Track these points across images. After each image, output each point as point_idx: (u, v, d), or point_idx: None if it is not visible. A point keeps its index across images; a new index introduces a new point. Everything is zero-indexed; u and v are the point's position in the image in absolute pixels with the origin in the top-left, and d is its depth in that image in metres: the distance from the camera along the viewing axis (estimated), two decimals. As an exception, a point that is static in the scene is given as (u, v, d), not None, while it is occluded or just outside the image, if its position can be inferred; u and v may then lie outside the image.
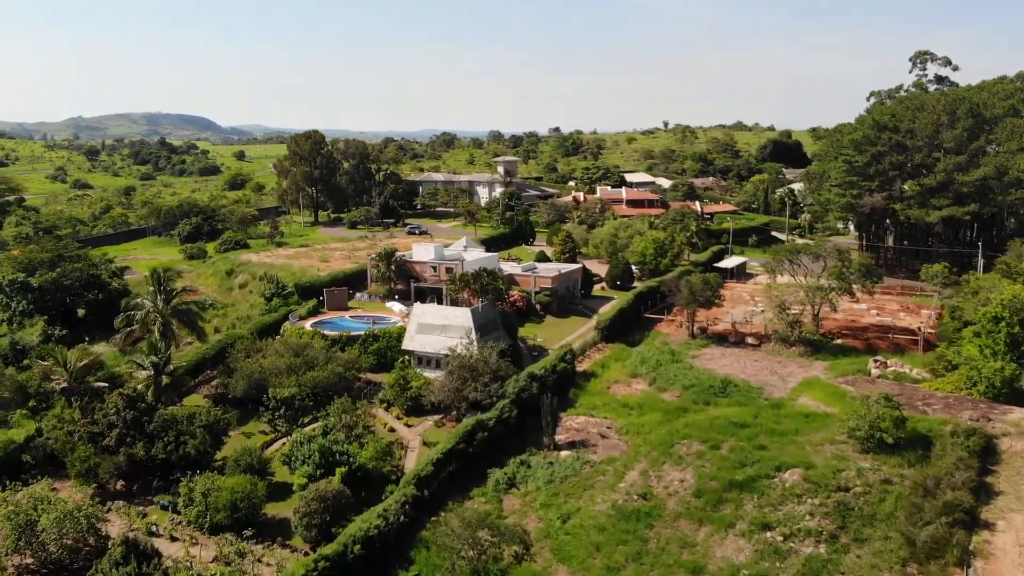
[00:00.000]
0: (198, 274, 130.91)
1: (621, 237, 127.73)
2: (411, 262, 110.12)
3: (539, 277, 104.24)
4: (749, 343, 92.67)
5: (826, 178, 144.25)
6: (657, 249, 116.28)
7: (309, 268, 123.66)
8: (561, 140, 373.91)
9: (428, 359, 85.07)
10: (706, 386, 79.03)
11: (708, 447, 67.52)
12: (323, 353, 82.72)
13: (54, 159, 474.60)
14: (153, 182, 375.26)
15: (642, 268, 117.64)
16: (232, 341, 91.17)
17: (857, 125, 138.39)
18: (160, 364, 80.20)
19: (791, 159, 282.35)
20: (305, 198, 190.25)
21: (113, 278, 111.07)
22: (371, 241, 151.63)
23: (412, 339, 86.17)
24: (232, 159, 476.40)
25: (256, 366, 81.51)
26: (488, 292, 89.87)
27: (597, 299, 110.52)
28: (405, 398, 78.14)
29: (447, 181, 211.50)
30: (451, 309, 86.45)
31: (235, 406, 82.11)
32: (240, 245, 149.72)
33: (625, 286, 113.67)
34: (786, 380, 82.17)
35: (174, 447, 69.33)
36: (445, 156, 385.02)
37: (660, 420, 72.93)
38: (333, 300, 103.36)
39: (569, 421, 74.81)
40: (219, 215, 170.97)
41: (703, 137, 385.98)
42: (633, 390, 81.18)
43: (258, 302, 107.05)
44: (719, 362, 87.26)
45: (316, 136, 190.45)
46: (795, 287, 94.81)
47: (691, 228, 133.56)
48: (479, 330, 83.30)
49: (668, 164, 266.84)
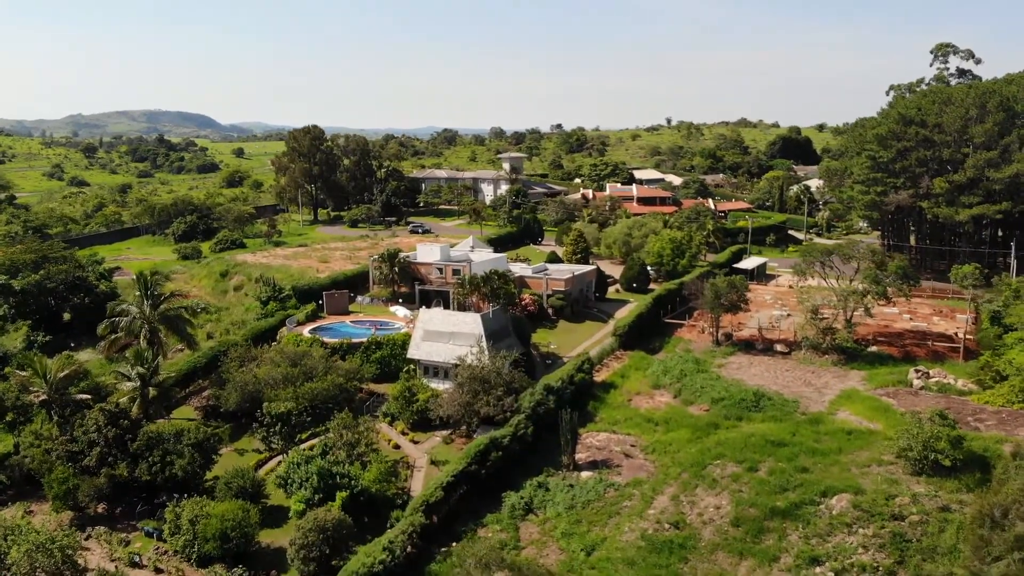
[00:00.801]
0: (191, 275, 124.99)
1: (635, 236, 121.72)
2: (416, 263, 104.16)
3: (551, 279, 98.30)
4: (778, 351, 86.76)
5: (848, 174, 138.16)
6: (674, 249, 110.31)
7: (308, 269, 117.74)
8: (565, 137, 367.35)
9: (435, 369, 79.15)
10: (737, 399, 73.08)
11: (744, 468, 61.66)
12: (322, 363, 76.87)
13: (51, 156, 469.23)
14: (150, 179, 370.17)
15: (658, 269, 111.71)
16: (225, 348, 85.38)
17: (881, 119, 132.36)
18: (147, 375, 74.31)
19: (801, 156, 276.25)
20: (304, 196, 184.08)
21: (101, 280, 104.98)
22: (373, 241, 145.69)
23: (418, 347, 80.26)
24: (231, 156, 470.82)
25: (250, 377, 75.67)
26: (499, 296, 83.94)
27: (612, 302, 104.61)
28: (411, 412, 72.28)
29: (450, 178, 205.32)
30: (460, 315, 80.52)
31: (228, 419, 76.51)
32: (236, 245, 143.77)
33: (641, 288, 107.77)
34: (822, 392, 76.27)
35: (160, 468, 63.46)
36: (447, 153, 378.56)
37: (689, 437, 67.03)
38: (333, 304, 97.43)
39: (589, 438, 68.88)
40: (215, 213, 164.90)
41: (709, 134, 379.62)
42: (657, 403, 75.23)
43: (253, 306, 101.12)
44: (748, 372, 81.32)
45: (315, 131, 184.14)
46: (827, 291, 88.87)
47: (708, 227, 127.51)
48: (490, 337, 77.38)
49: (676, 161, 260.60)
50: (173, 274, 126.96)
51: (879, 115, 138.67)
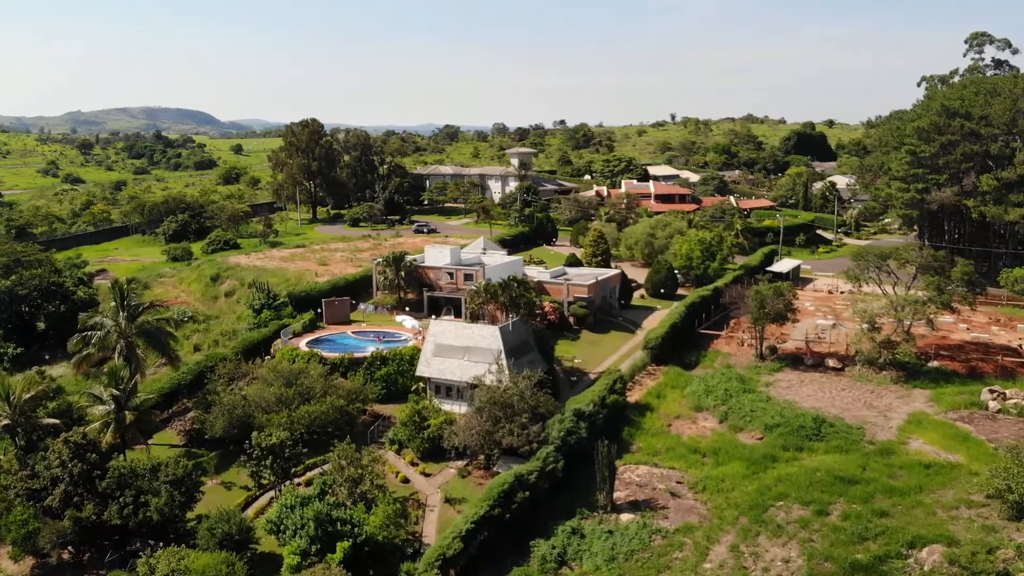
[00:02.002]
0: (181, 278, 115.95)
1: (659, 237, 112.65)
2: (424, 268, 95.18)
3: (573, 285, 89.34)
4: (830, 366, 77.80)
5: (885, 170, 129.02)
6: (704, 251, 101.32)
7: (306, 273, 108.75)
8: (570, 133, 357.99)
9: (448, 388, 70.26)
10: (795, 426, 64.14)
11: (813, 512, 52.84)
12: (320, 382, 68.01)
13: (46, 153, 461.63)
14: (147, 176, 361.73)
15: (687, 273, 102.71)
16: (213, 363, 76.54)
17: (921, 111, 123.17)
18: (122, 397, 65.35)
19: (816, 152, 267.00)
20: (302, 193, 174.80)
21: (79, 286, 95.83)
22: (375, 241, 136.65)
23: (428, 363, 71.32)
24: (229, 153, 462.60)
25: (239, 399, 66.84)
26: (518, 306, 74.97)
27: (638, 309, 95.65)
28: (421, 439, 63.41)
29: (456, 175, 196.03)
30: (476, 327, 71.56)
31: (214, 445, 67.78)
32: (230, 245, 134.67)
33: (669, 294, 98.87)
34: (887, 416, 67.38)
35: (132, 510, 54.57)
36: (449, 149, 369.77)
37: (744, 473, 58.17)
38: (333, 312, 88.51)
39: (627, 472, 59.95)
40: (207, 212, 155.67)
41: (717, 130, 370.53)
42: (701, 429, 66.31)
43: (246, 314, 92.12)
44: (800, 391, 72.41)
45: (314, 125, 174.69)
46: (882, 299, 79.95)
47: (736, 227, 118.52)
48: (510, 353, 68.48)
49: (689, 157, 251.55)
50: (161, 277, 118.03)
51: (917, 107, 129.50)
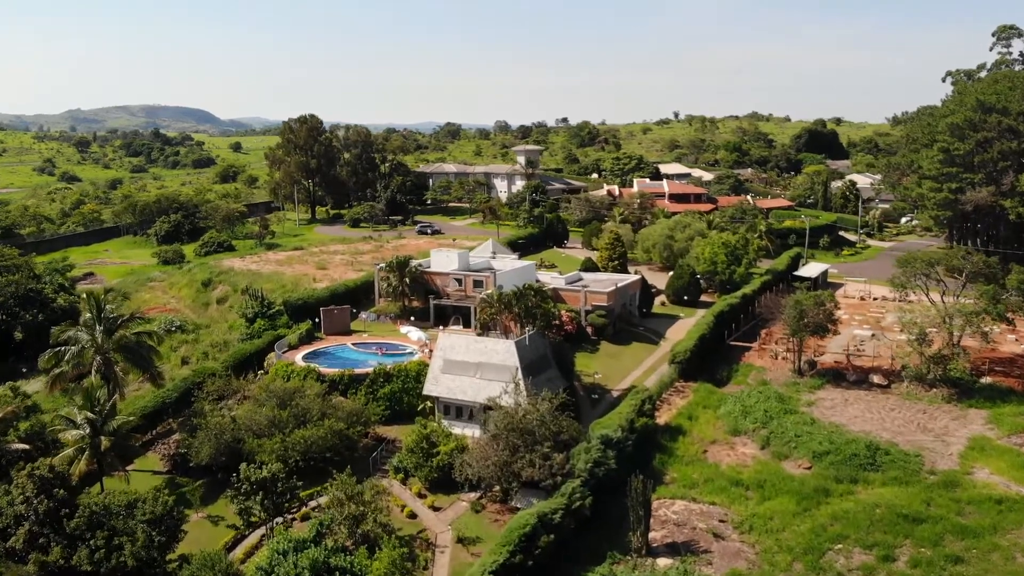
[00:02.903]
0: (171, 283, 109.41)
1: (678, 239, 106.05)
2: (430, 273, 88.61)
3: (591, 292, 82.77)
4: (875, 383, 71.19)
5: (914, 169, 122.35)
6: (729, 255, 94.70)
7: (303, 278, 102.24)
8: (575, 130, 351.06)
9: (459, 409, 63.74)
10: (846, 454, 57.55)
11: (877, 557, 46.46)
12: (317, 403, 61.52)
13: (43, 151, 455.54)
14: (144, 174, 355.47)
15: (710, 278, 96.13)
16: (201, 379, 70.11)
17: (954, 107, 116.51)
18: (98, 421, 58.91)
19: (828, 150, 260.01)
20: (301, 192, 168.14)
21: (59, 293, 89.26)
22: (377, 243, 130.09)
23: (436, 381, 64.77)
24: (228, 151, 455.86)
25: (227, 422, 60.35)
26: (535, 317, 68.34)
27: (660, 318, 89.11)
28: (429, 468, 56.93)
29: (460, 173, 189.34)
30: (489, 342, 65.01)
31: (201, 473, 61.28)
32: (224, 247, 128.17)
33: (692, 301, 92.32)
34: (945, 441, 60.82)
35: (105, 554, 48.07)
36: (451, 147, 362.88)
37: (794, 509, 51.63)
38: (332, 322, 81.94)
39: (662, 508, 53.38)
40: (201, 212, 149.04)
41: (724, 128, 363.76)
42: (741, 456, 59.75)
43: (238, 323, 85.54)
44: (845, 412, 65.82)
45: (313, 121, 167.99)
46: (930, 309, 73.41)
47: (760, 228, 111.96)
48: (527, 370, 61.96)
49: (698, 154, 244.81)
50: (151, 281, 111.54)
51: (948, 102, 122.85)
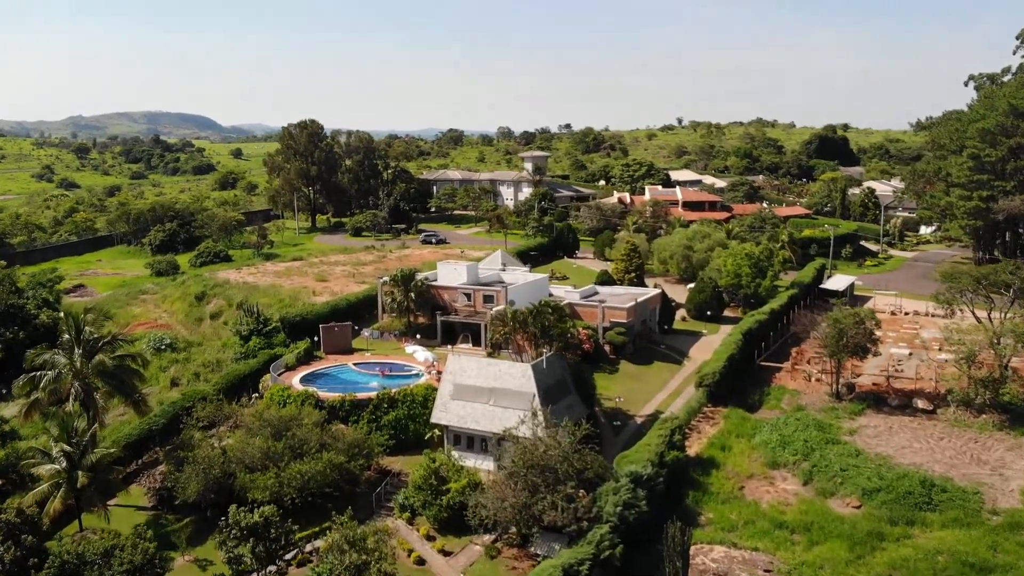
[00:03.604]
0: (164, 296, 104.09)
1: (697, 250, 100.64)
2: (436, 287, 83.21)
3: (609, 308, 77.34)
4: (919, 408, 65.69)
5: (942, 176, 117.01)
6: (753, 267, 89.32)
7: (302, 291, 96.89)
8: (580, 136, 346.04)
9: (470, 439, 58.34)
10: (899, 491, 52.09)
11: (947, 617, 40.89)
12: (316, 433, 56.16)
13: (42, 157, 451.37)
14: (143, 181, 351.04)
15: (733, 292, 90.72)
16: (190, 404, 64.83)
17: (983, 111, 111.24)
18: (76, 454, 53.58)
19: (839, 156, 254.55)
20: (301, 200, 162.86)
21: (43, 309, 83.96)
22: (379, 253, 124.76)
23: (446, 408, 59.38)
24: (228, 158, 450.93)
25: (217, 454, 54.97)
26: (551, 336, 62.94)
27: (681, 335, 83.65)
28: (439, 506, 51.55)
29: (465, 180, 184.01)
30: (503, 365, 59.63)
31: (190, 509, 55.90)
32: (220, 258, 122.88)
33: (716, 316, 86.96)
34: (1003, 475, 55.35)
35: (74, 609, 42.80)
36: (453, 154, 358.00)
37: (847, 556, 46.19)
38: (332, 340, 76.60)
39: (700, 555, 47.88)
40: (197, 220, 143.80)
41: (730, 134, 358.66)
42: (782, 493, 54.28)
43: (232, 341, 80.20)
44: (891, 441, 60.34)
45: (313, 127, 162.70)
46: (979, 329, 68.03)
47: (782, 238, 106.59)
48: (545, 397, 56.60)
49: (708, 161, 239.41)
50: (143, 294, 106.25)
51: (976, 107, 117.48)
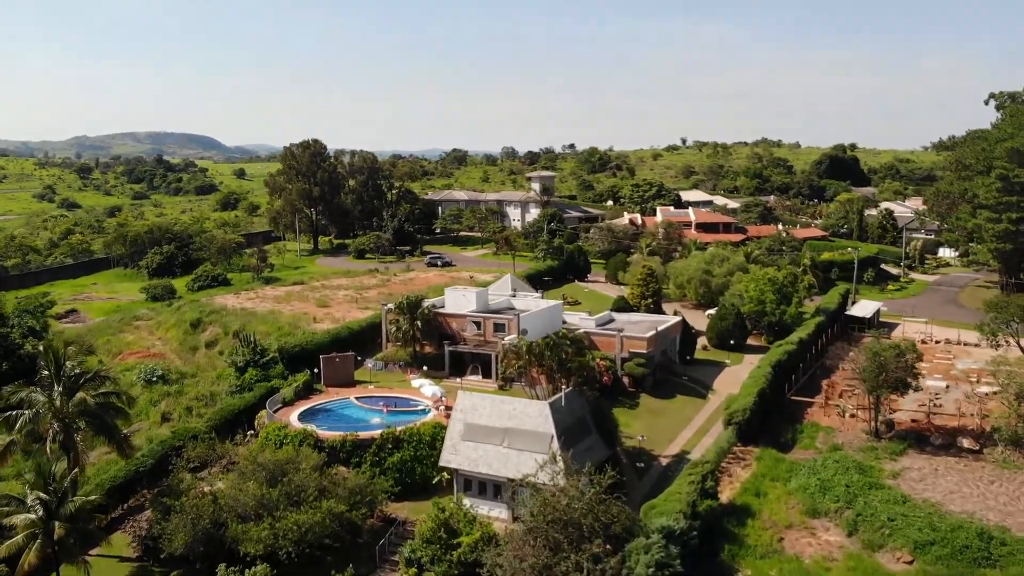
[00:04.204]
0: (158, 323, 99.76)
1: (716, 274, 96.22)
2: (444, 315, 78.75)
3: (628, 337, 72.82)
4: (964, 447, 60.97)
5: (968, 198, 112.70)
6: (777, 293, 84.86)
7: (302, 318, 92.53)
8: (585, 156, 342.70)
9: (482, 484, 53.71)
10: (955, 544, 47.26)
11: None
12: (315, 478, 51.54)
13: (44, 177, 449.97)
14: (145, 201, 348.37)
15: (756, 319, 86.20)
16: (181, 442, 60.38)
17: (1012, 130, 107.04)
18: (53, 502, 49.01)
19: (849, 176, 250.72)
20: (302, 221, 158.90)
21: (28, 338, 79.61)
22: (383, 276, 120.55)
23: (455, 449, 54.79)
24: (232, 178, 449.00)
25: (206, 504, 50.34)
26: (570, 371, 58.38)
27: (703, 365, 79.09)
28: (449, 562, 46.88)
29: (471, 201, 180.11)
30: (518, 403, 55.06)
31: (178, 562, 51.26)
32: (218, 282, 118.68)
33: (739, 345, 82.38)
34: (1067, 525, 50.50)
35: None
36: (457, 174, 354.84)
37: (906, 624, 41.36)
38: (334, 372, 72.13)
39: (740, 619, 43.13)
40: (195, 243, 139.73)
41: (737, 154, 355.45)
42: (825, 546, 49.43)
43: (227, 372, 75.73)
44: (938, 486, 55.51)
45: (316, 146, 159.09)
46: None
47: (805, 262, 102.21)
48: (565, 438, 52.01)
49: (717, 181, 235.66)
50: (137, 320, 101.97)
51: (1002, 125, 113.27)
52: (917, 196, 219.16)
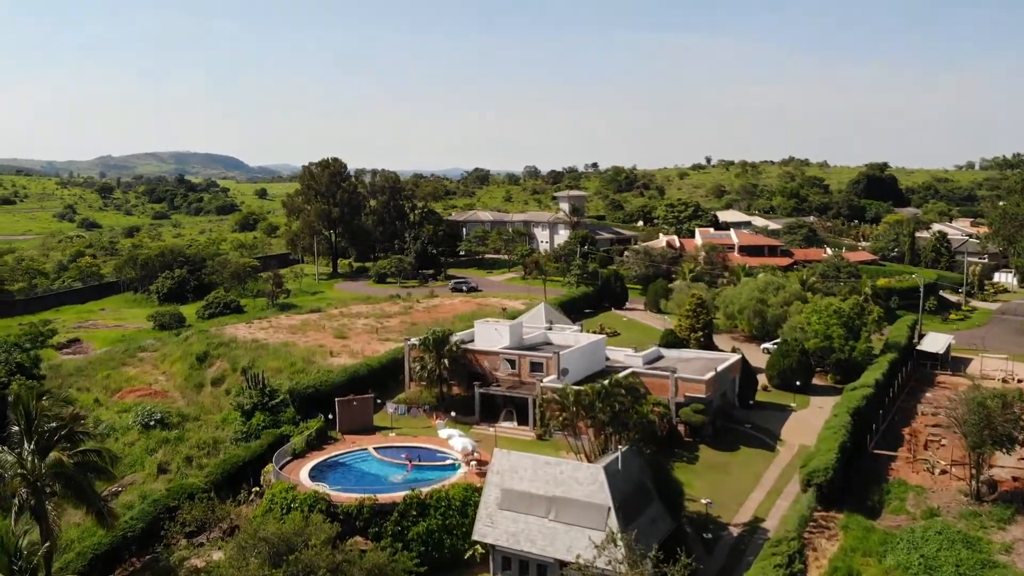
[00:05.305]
0: (164, 355, 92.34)
1: (772, 304, 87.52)
2: (474, 352, 70.65)
3: (683, 379, 64.35)
4: (1086, 514, 51.87)
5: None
6: (844, 325, 76.07)
7: (318, 351, 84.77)
8: (612, 175, 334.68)
9: (524, 564, 45.27)
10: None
11: None
12: (326, 556, 43.28)
13: (65, 197, 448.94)
14: (165, 221, 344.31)
15: (822, 357, 77.34)
16: (176, 502, 52.56)
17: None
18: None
19: (889, 195, 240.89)
20: (321, 243, 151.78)
21: (15, 376, 72.19)
22: (405, 303, 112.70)
23: (492, 520, 46.44)
24: (253, 198, 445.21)
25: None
26: (627, 424, 49.87)
27: (765, 410, 70.26)
28: (488, 665, 38.51)
29: (497, 222, 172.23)
30: (567, 466, 46.72)
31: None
32: (230, 309, 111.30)
33: (805, 386, 73.51)
34: None
35: None
36: (480, 193, 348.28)
37: None
38: (350, 416, 64.22)
39: None
40: (208, 267, 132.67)
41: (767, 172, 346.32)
42: (946, 649, 40.61)
43: (233, 416, 67.93)
44: (1069, 567, 46.51)
45: (336, 165, 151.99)
46: None
47: (865, 290, 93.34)
48: (624, 510, 43.57)
49: (751, 200, 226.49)
50: (142, 351, 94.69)
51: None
52: (963, 217, 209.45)
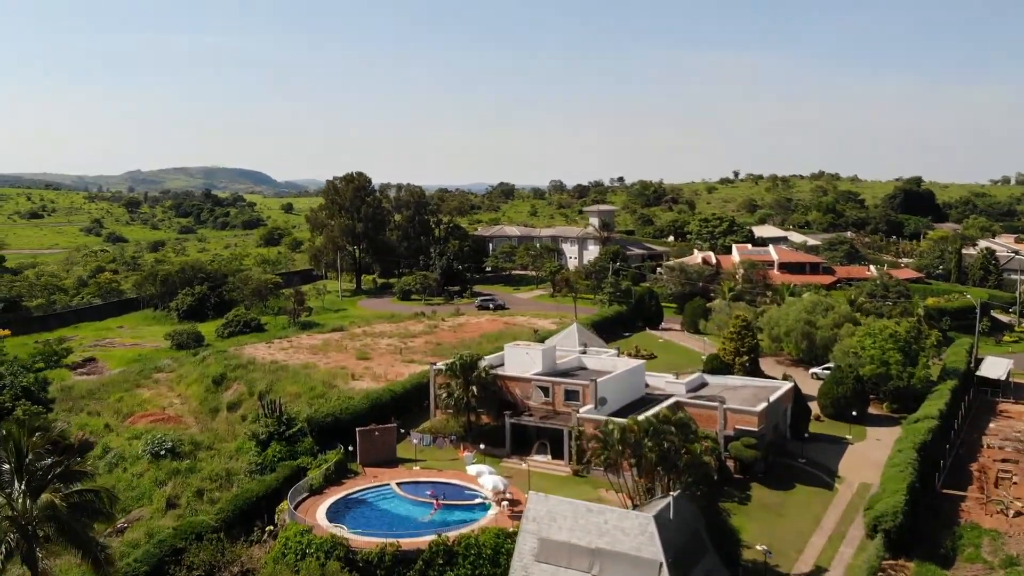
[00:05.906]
0: (179, 376, 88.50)
1: (820, 325, 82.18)
2: (505, 378, 66.02)
3: (733, 411, 59.30)
4: None
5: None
6: (901, 350, 70.63)
7: (340, 373, 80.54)
8: (639, 189, 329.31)
9: (564, 622, 40.43)
10: None
11: None
12: (344, 613, 38.86)
13: (92, 211, 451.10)
14: (191, 236, 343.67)
15: (876, 383, 71.92)
16: (184, 543, 48.25)
17: None
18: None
19: (927, 211, 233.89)
20: (344, 259, 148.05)
21: (20, 401, 68.50)
22: (430, 322, 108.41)
23: (527, 573, 41.65)
24: (279, 212, 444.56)
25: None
26: (677, 467, 44.96)
27: (819, 442, 64.78)
28: None
29: (524, 237, 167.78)
30: (612, 514, 41.87)
31: None
32: (251, 327, 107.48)
33: (860, 416, 68.06)
34: None
35: None
36: (505, 208, 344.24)
37: None
38: (371, 448, 59.79)
39: None
40: (229, 283, 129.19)
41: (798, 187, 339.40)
42: None
43: (248, 446, 63.68)
44: None
45: (360, 180, 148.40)
46: None
47: (918, 312, 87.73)
48: (677, 565, 38.66)
49: (785, 215, 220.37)
50: (158, 372, 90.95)
51: None
52: (1005, 233, 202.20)
